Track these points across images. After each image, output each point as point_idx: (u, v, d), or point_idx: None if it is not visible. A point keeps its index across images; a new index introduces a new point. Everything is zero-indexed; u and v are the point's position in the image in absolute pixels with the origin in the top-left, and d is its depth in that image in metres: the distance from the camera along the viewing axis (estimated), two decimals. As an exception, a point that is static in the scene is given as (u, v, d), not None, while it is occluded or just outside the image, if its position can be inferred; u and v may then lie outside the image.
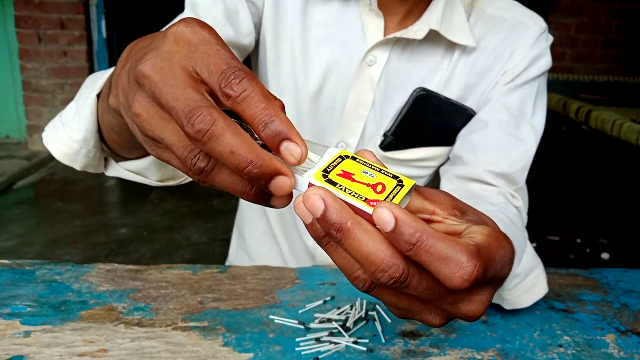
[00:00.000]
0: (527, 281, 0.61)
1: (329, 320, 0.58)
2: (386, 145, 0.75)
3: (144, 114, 0.32)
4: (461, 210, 0.35)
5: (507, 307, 0.61)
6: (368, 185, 0.32)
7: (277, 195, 0.31)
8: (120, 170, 0.59)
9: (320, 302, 0.62)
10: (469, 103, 0.74)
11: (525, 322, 0.61)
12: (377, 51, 0.71)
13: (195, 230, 2.79)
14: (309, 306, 0.61)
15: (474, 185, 0.70)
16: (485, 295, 0.32)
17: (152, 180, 0.58)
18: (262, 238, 0.90)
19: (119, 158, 0.59)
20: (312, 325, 0.57)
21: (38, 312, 0.57)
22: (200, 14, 0.68)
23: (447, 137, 0.75)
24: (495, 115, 0.71)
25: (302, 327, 0.57)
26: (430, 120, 0.74)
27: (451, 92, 0.73)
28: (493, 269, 0.31)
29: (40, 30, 3.86)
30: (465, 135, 0.73)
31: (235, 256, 0.96)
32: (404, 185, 0.32)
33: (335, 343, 0.54)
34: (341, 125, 0.75)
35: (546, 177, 3.49)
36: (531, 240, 0.70)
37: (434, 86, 0.73)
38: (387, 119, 0.75)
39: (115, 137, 0.52)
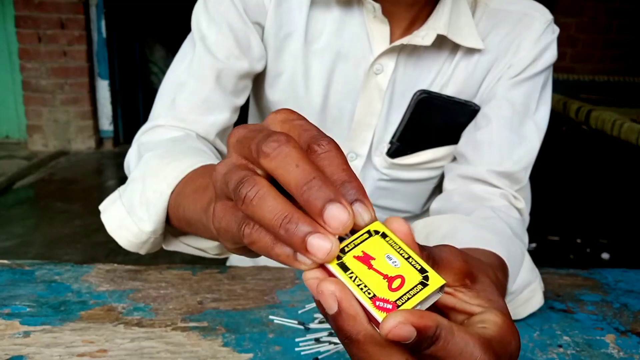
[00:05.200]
0: (523, 295, 0.60)
1: (329, 320, 0.58)
2: (393, 152, 0.74)
3: None
4: (473, 278, 0.33)
5: None
6: (385, 277, 0.28)
7: (315, 258, 0.28)
8: (180, 245, 0.61)
9: (320, 302, 0.62)
10: (473, 98, 0.73)
11: (525, 322, 0.61)
12: (383, 59, 0.69)
13: (195, 230, 2.79)
14: (308, 306, 0.61)
15: (476, 187, 0.69)
16: None
17: (210, 254, 0.59)
18: None
19: (180, 233, 0.61)
20: (311, 326, 0.57)
21: (38, 312, 0.57)
22: (211, 47, 0.67)
23: (453, 136, 0.74)
24: (499, 112, 0.70)
25: (301, 327, 0.57)
26: (434, 121, 0.73)
27: (454, 88, 0.72)
28: None
29: (40, 30, 3.86)
30: (469, 133, 0.72)
31: (237, 258, 0.96)
32: (427, 285, 0.28)
33: (335, 343, 0.54)
34: (350, 136, 0.74)
35: (546, 177, 3.49)
36: (531, 240, 0.70)
37: (438, 87, 0.72)
38: (392, 126, 0.74)
39: (186, 228, 0.54)
